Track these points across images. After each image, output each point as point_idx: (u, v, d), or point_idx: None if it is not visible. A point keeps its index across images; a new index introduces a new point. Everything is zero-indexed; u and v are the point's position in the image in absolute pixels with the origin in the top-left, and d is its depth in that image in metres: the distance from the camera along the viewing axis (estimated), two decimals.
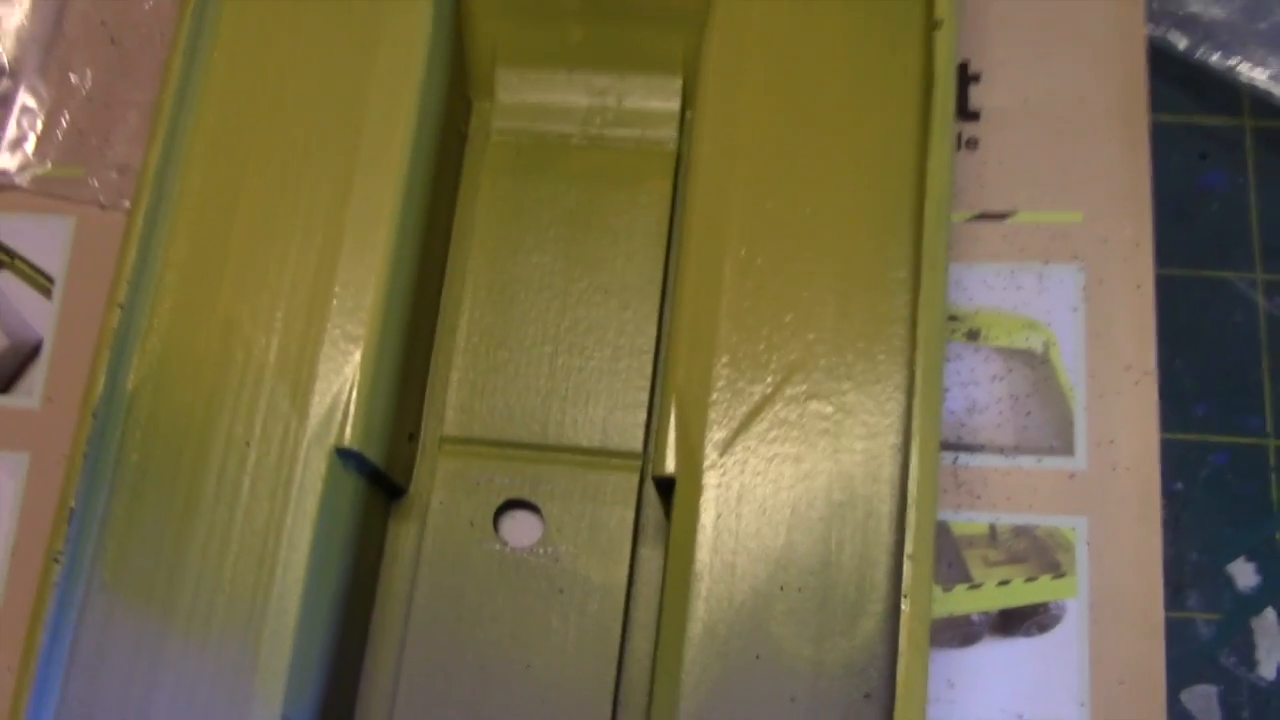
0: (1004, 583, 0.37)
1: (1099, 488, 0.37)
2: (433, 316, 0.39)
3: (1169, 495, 0.38)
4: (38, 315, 0.42)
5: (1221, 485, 0.38)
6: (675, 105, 0.40)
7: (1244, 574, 0.38)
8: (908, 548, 0.30)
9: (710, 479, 0.33)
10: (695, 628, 0.32)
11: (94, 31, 0.45)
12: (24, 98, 0.44)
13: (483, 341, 0.39)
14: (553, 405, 0.38)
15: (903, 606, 0.30)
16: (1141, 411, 0.38)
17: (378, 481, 0.36)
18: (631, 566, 0.36)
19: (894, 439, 0.32)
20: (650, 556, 0.37)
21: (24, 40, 0.45)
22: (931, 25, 0.35)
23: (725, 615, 0.32)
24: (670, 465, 0.33)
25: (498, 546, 0.37)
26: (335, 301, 0.35)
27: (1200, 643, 0.37)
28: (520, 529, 0.37)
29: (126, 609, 0.33)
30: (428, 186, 0.38)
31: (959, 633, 0.37)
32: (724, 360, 0.34)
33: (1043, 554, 0.37)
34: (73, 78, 0.44)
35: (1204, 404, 0.39)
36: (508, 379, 0.38)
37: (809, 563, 0.32)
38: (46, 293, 0.42)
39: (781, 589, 0.32)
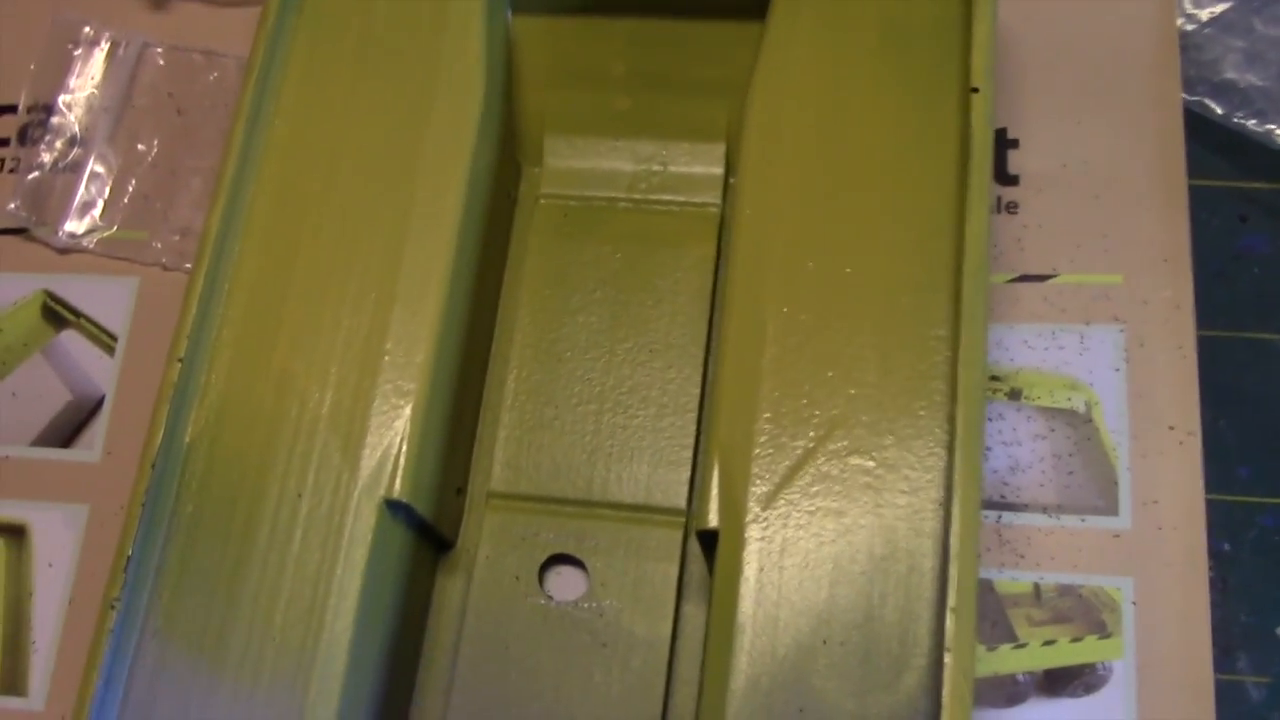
0: (1049, 642, 0.37)
1: (1144, 548, 0.37)
2: (482, 374, 0.40)
3: (1216, 556, 0.38)
4: (101, 371, 0.43)
5: (1269, 547, 0.38)
6: (719, 170, 0.41)
7: None
8: (950, 601, 0.30)
9: (753, 532, 0.33)
10: (738, 680, 0.32)
11: (161, 102, 0.47)
12: (94, 165, 0.46)
13: (530, 399, 0.39)
14: (598, 462, 0.38)
15: (945, 660, 0.30)
16: (1186, 472, 0.38)
17: (426, 534, 0.37)
18: (675, 621, 0.36)
19: (936, 494, 0.33)
20: (693, 612, 0.37)
21: (95, 110, 0.47)
22: (968, 91, 0.36)
23: (768, 668, 0.32)
24: (713, 518, 0.34)
25: (542, 600, 0.37)
26: (387, 358, 0.36)
27: (1250, 705, 0.37)
28: (565, 584, 0.38)
29: (179, 656, 0.33)
30: (478, 248, 0.39)
31: (1004, 692, 0.37)
32: (766, 415, 0.34)
33: (1088, 614, 0.37)
34: (140, 146, 0.46)
35: (1247, 466, 0.39)
36: (554, 436, 0.39)
37: (851, 616, 0.32)
38: (110, 350, 0.44)
39: (824, 642, 0.32)
